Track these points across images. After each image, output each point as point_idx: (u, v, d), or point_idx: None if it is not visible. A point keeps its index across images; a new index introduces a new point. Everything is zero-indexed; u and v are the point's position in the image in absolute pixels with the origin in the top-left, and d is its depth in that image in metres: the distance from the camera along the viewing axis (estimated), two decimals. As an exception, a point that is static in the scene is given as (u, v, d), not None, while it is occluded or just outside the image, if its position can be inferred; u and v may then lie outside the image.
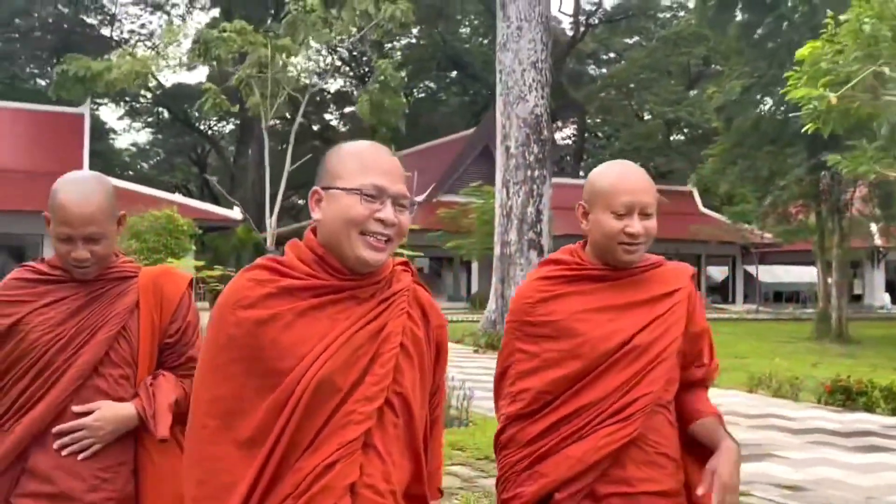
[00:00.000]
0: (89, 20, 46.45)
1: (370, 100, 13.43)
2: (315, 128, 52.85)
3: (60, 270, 2.31)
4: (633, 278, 2.26)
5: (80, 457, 2.20)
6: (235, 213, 32.16)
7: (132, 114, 51.63)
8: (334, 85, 56.70)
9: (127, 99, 44.40)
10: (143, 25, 48.01)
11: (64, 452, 2.20)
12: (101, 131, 48.68)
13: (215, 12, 46.53)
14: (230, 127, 50.45)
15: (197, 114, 42.93)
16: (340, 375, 1.70)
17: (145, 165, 56.59)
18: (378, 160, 1.79)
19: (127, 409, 2.25)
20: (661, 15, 50.85)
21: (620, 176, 2.24)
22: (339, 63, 52.90)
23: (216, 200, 39.55)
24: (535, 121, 18.87)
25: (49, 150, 32.30)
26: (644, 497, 2.13)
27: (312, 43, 44.04)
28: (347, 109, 57.17)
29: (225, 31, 11.46)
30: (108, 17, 47.05)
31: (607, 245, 2.23)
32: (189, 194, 43.00)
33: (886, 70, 5.01)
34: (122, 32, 48.26)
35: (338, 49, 51.51)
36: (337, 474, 1.67)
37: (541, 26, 19.05)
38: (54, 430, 2.20)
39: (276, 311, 1.72)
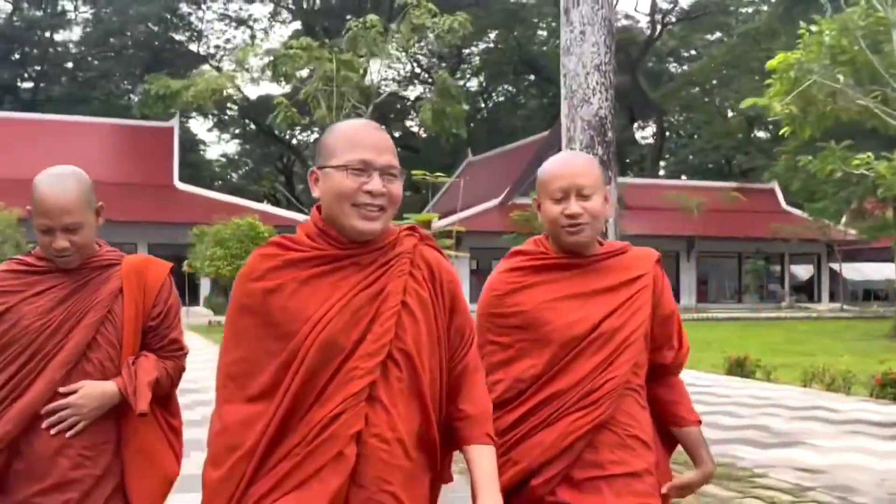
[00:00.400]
0: (178, 37, 48.64)
1: (432, 108, 13.98)
2: (396, 134, 53.81)
3: (46, 261, 2.44)
4: (598, 265, 2.31)
5: (68, 434, 2.29)
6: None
7: (220, 126, 53.61)
8: (414, 92, 57.82)
9: (214, 112, 46.30)
10: (227, 40, 50.13)
11: (52, 431, 2.29)
12: (191, 143, 50.82)
13: (297, 24, 48.15)
14: (314, 136, 51.94)
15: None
16: (343, 335, 1.84)
17: (234, 175, 58.56)
18: (363, 136, 1.92)
19: (109, 386, 2.34)
20: (742, 10, 50.10)
21: (556, 163, 2.33)
22: (417, 70, 53.97)
23: (302, 207, 40.87)
24: (600, 123, 19.00)
25: (141, 162, 34.07)
26: (616, 479, 2.17)
27: (392, 51, 45.07)
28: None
29: (291, 48, 12.18)
30: (195, 34, 49.22)
31: (554, 231, 2.30)
32: (276, 203, 44.53)
33: (841, 77, 5.26)
34: (208, 47, 50.48)
35: (417, 57, 52.66)
36: (342, 424, 1.80)
37: (604, 30, 19.19)
38: (43, 410, 2.30)
39: (281, 281, 1.89)
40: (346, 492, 1.81)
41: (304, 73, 14.31)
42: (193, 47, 49.66)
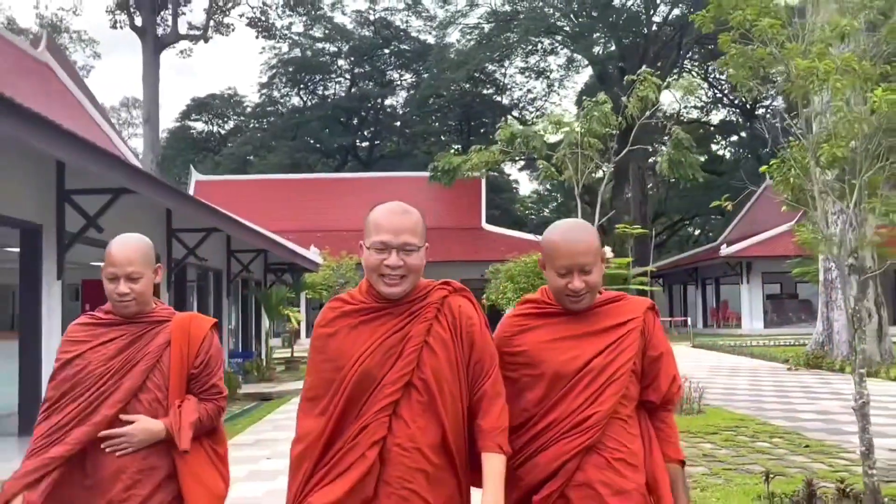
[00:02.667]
0: (485, 91, 53.85)
1: (669, 159, 16.35)
2: (702, 158, 54.42)
3: (111, 315, 2.87)
4: (591, 312, 2.62)
5: (118, 454, 2.72)
6: (607, 251, 36.04)
7: (529, 166, 58.12)
8: (717, 116, 58.38)
9: (516, 158, 50.77)
10: (528, 91, 54.60)
11: (107, 450, 2.72)
12: (504, 184, 55.59)
13: (590, 70, 51.37)
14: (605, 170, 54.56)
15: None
16: (377, 368, 2.38)
17: (546, 210, 62.59)
18: (385, 222, 2.45)
19: (157, 424, 2.75)
20: None
21: (562, 239, 2.61)
22: (720, 95, 54.57)
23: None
24: (851, 156, 19.94)
25: (454, 209, 39.00)
26: (606, 497, 2.44)
27: (693, 77, 46.58)
28: (733, 138, 58.26)
29: (533, 123, 15.22)
30: (500, 88, 54.17)
31: (558, 296, 2.63)
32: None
33: None
34: (511, 98, 55.23)
35: (720, 81, 53.29)
36: (366, 433, 2.34)
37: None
38: (100, 434, 2.73)
39: (338, 327, 2.47)
40: (376, 488, 2.31)
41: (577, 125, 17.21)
42: (499, 99, 54.70)
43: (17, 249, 10.85)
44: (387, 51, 55.72)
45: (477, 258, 34.01)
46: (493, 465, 2.38)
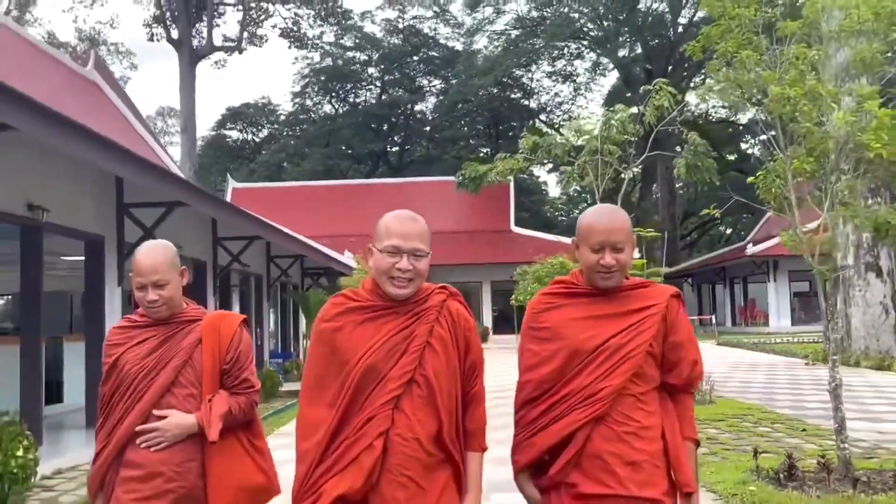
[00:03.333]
0: (513, 95, 54.66)
1: (686, 163, 17.09)
2: (731, 157, 54.61)
3: (146, 318, 3.04)
4: (617, 295, 2.75)
5: (153, 450, 2.86)
6: (635, 253, 36.64)
7: (556, 169, 58.84)
8: (747, 115, 58.34)
9: (545, 161, 51.52)
10: (556, 94, 55.36)
11: (142, 445, 2.87)
12: (534, 186, 56.30)
13: (616, 73, 51.96)
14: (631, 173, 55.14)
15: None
16: (382, 364, 2.54)
17: (575, 212, 63.30)
18: (396, 227, 2.61)
19: (190, 418, 2.90)
20: None
21: (596, 219, 2.75)
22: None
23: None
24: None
25: (483, 212, 39.81)
26: (615, 467, 2.60)
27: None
28: (762, 137, 58.39)
29: (561, 126, 16.06)
30: (528, 92, 54.97)
31: (589, 274, 2.75)
32: None
33: None
34: (539, 102, 56.03)
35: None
36: (372, 425, 2.50)
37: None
38: (137, 429, 2.89)
39: (343, 322, 2.62)
40: (378, 475, 2.48)
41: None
42: (526, 102, 55.49)
43: (80, 258, 11.92)
44: (416, 58, 56.73)
45: (506, 260, 34.68)
46: (474, 463, 2.66)
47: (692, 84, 53.90)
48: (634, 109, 16.58)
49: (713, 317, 38.04)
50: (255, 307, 19.52)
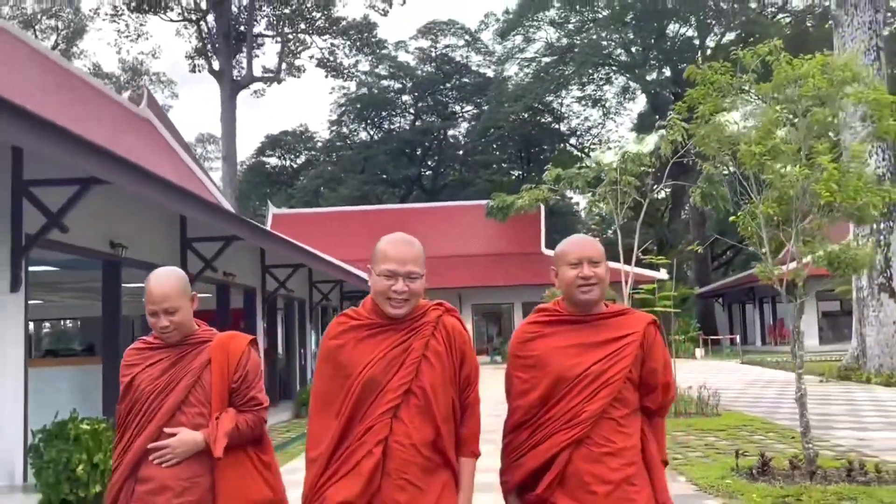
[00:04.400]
0: (543, 120, 55.96)
1: (701, 192, 18.24)
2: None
3: (159, 340, 3.20)
4: (597, 323, 2.94)
5: (164, 466, 3.01)
6: (662, 274, 37.58)
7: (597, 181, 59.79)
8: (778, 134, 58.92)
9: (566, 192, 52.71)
10: (585, 119, 56.61)
11: (154, 462, 3.02)
12: (566, 207, 57.34)
13: (644, 97, 53.05)
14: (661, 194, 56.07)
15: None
16: (381, 376, 2.75)
17: (609, 232, 64.14)
18: (392, 252, 2.82)
19: (197, 436, 3.04)
20: None
21: (571, 241, 3.04)
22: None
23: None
24: (878, 181, 21.50)
25: (513, 235, 40.98)
26: (593, 486, 2.80)
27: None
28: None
29: (591, 149, 17.37)
30: (558, 116, 56.25)
31: (569, 290, 2.94)
32: (645, 252, 48.59)
33: None
34: (569, 126, 57.25)
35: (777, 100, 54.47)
36: (372, 433, 2.71)
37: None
38: (149, 446, 3.04)
39: (345, 340, 2.83)
40: (379, 480, 2.68)
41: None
42: (556, 126, 56.74)
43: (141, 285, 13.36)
44: (448, 85, 58.31)
45: (536, 282, 35.67)
46: (466, 468, 2.86)
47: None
48: (653, 139, 17.81)
49: (737, 336, 38.75)
50: (298, 329, 20.93)
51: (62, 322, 31.27)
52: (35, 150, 7.68)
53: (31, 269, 9.23)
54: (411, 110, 59.18)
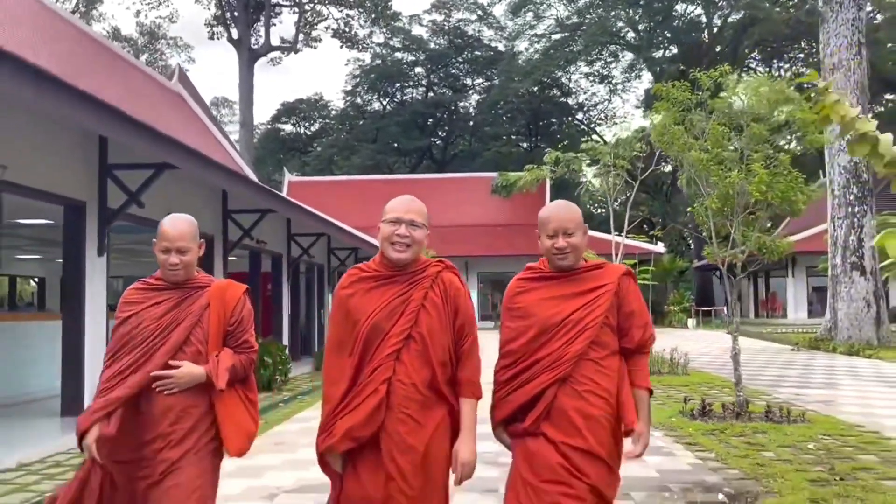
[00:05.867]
0: (552, 93, 57.48)
1: (686, 177, 19.96)
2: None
3: (162, 281, 3.46)
4: (576, 277, 3.30)
5: (165, 393, 3.29)
6: (659, 247, 39.37)
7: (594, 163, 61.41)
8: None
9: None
10: (592, 94, 58.21)
11: (157, 390, 3.29)
12: (570, 178, 58.77)
13: (649, 76, 54.45)
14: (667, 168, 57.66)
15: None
16: (384, 322, 3.07)
17: (616, 204, 65.58)
18: (398, 205, 3.17)
19: (199, 369, 3.32)
20: None
21: (551, 212, 3.33)
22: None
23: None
24: (854, 168, 23.26)
25: (519, 207, 42.50)
26: (575, 419, 3.12)
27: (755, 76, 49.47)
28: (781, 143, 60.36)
29: (598, 124, 19.06)
30: (566, 91, 57.75)
31: (548, 256, 3.33)
32: (652, 226, 50.18)
33: None
34: (577, 100, 58.79)
35: (784, 78, 55.78)
36: (378, 373, 3.04)
37: (857, 92, 23.43)
38: (152, 374, 3.29)
39: (355, 290, 3.16)
40: (384, 414, 3.01)
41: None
42: (564, 100, 58.27)
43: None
44: (460, 58, 59.84)
45: (539, 252, 37.38)
46: (468, 407, 3.13)
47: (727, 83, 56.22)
48: (637, 125, 19.58)
49: (725, 308, 40.66)
50: (318, 292, 22.94)
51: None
52: (118, 139, 9.10)
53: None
54: (423, 82, 60.75)
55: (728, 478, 6.56)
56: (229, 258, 15.16)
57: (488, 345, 3.72)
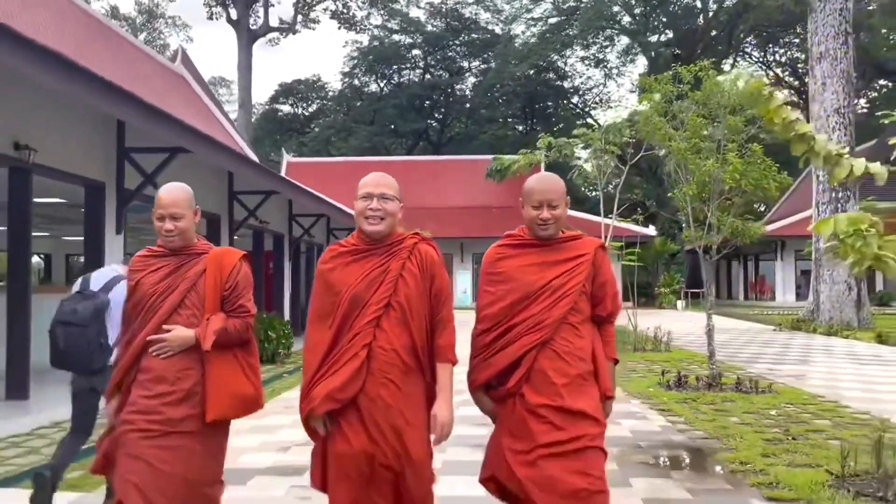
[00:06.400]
0: (548, 77, 58.01)
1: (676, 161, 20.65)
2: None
3: (162, 249, 3.61)
4: (556, 246, 3.44)
5: (161, 357, 3.43)
6: (651, 230, 40.09)
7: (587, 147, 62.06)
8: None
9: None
10: (588, 78, 58.86)
11: (153, 353, 3.43)
12: (565, 165, 59.50)
13: (644, 60, 55.01)
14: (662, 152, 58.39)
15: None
16: (364, 292, 3.20)
17: (609, 187, 66.33)
18: (369, 180, 3.31)
19: (189, 332, 3.44)
20: None
21: (536, 183, 3.45)
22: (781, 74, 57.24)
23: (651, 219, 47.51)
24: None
25: (514, 189, 42.89)
26: (555, 379, 3.26)
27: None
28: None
29: (593, 108, 19.69)
30: (561, 74, 58.27)
31: (531, 226, 3.44)
32: (646, 209, 50.73)
33: None
34: (573, 84, 59.32)
35: (780, 63, 56.31)
36: (358, 339, 3.17)
37: (842, 80, 24.11)
38: (147, 338, 3.43)
39: (335, 264, 3.30)
40: (364, 378, 3.15)
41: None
42: (560, 84, 58.81)
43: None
44: (457, 41, 60.27)
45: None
46: (444, 372, 3.29)
47: (722, 67, 56.82)
48: (625, 113, 20.25)
49: (705, 290, 41.51)
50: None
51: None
52: (135, 124, 9.65)
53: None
54: (421, 65, 61.20)
55: (693, 437, 7.32)
56: (234, 237, 15.86)
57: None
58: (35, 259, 28.97)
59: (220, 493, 3.53)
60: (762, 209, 63.47)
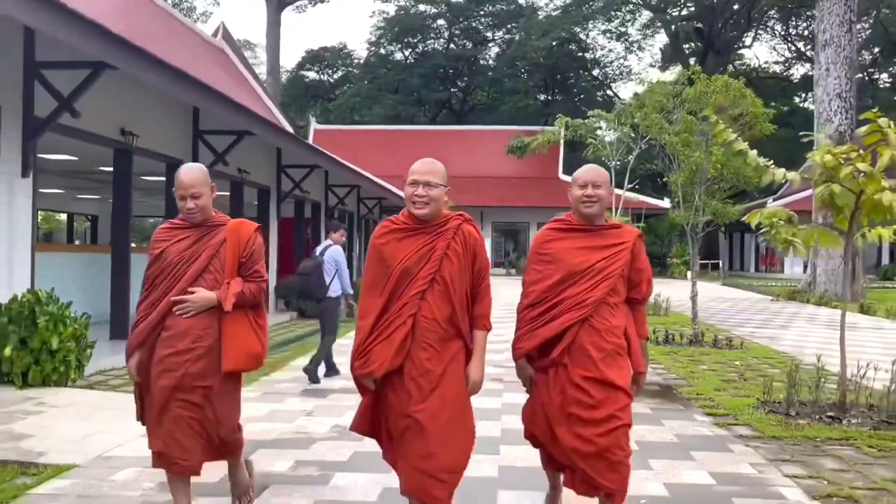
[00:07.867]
0: (570, 48, 59.20)
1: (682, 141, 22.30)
2: (786, 109, 57.49)
3: (185, 221, 3.93)
4: (599, 233, 3.84)
5: (184, 317, 3.78)
6: (665, 202, 41.61)
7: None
8: (800, 70, 60.96)
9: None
10: (609, 51, 60.07)
11: (177, 313, 3.79)
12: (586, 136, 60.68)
13: (664, 37, 56.12)
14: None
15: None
16: (413, 267, 3.54)
17: (629, 157, 67.58)
18: (418, 167, 3.62)
19: (211, 294, 3.80)
20: None
21: (582, 169, 3.95)
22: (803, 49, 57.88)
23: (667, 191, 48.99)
24: (839, 136, 25.47)
25: (533, 160, 44.26)
26: (592, 352, 3.67)
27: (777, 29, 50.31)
28: (810, 94, 61.58)
29: (614, 80, 21.38)
30: (583, 47, 59.48)
31: (576, 205, 3.84)
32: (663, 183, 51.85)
33: None
34: (594, 55, 60.56)
35: (802, 37, 57.06)
36: (405, 309, 3.51)
37: (845, 66, 25.56)
38: (172, 299, 3.79)
39: (387, 240, 3.62)
40: (410, 344, 3.51)
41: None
42: (582, 55, 60.03)
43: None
44: (481, 11, 61.46)
45: (551, 204, 38.86)
46: (480, 338, 3.67)
47: (743, 41, 57.86)
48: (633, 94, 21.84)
49: (720, 262, 43.25)
50: (349, 237, 25.65)
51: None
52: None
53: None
54: (445, 34, 62.52)
55: (667, 378, 9.22)
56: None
57: (500, 288, 5.66)
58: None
59: (241, 437, 4.10)
60: (771, 181, 64.64)
